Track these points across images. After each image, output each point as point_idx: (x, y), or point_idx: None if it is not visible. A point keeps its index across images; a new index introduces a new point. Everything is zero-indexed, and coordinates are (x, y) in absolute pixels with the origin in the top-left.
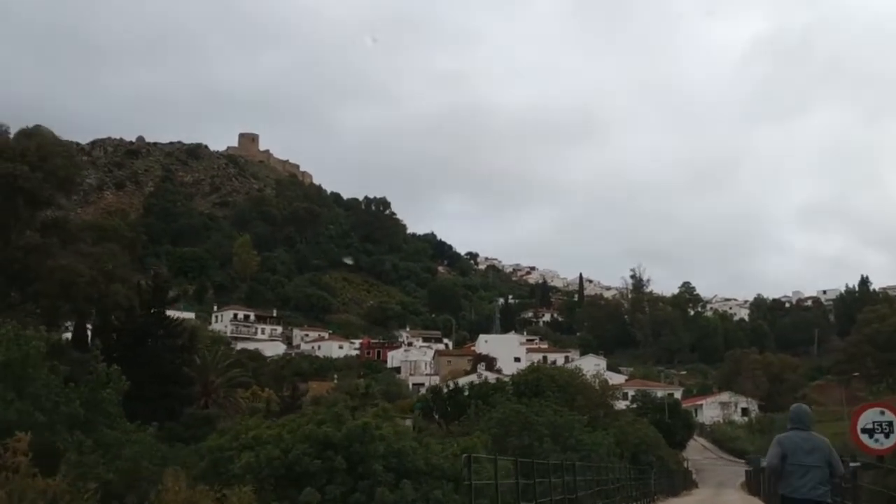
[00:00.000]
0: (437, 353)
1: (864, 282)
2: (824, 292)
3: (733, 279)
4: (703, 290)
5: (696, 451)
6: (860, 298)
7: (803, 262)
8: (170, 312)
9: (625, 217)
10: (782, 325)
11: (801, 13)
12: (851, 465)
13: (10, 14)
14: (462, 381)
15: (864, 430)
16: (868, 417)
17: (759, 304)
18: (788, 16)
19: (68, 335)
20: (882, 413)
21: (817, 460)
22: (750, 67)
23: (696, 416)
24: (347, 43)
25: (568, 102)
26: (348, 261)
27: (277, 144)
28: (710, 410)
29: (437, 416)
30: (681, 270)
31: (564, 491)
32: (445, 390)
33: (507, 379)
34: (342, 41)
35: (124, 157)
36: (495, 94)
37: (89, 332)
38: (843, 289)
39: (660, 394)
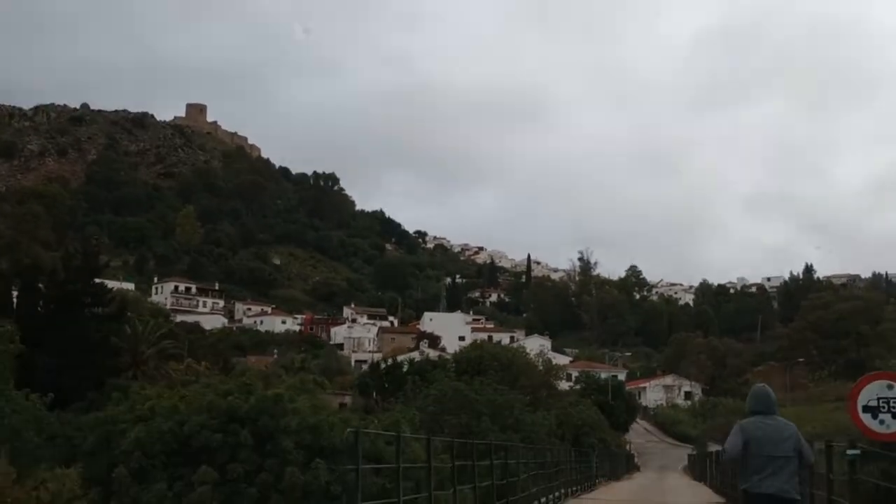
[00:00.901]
0: (381, 329)
1: (809, 270)
2: (768, 279)
3: (679, 265)
4: (649, 275)
5: (640, 434)
6: (804, 286)
7: (748, 249)
8: (108, 283)
9: (572, 201)
10: (727, 311)
11: (750, 5)
12: (849, 452)
13: None
14: (402, 358)
15: (865, 409)
16: (871, 392)
17: (704, 290)
18: (737, 6)
19: None
20: (890, 387)
21: (787, 450)
22: (698, 56)
23: (640, 398)
24: (295, 17)
25: (516, 84)
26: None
27: (226, 117)
28: (653, 393)
29: (374, 394)
30: (627, 255)
31: (502, 473)
32: (383, 366)
33: (448, 357)
34: (290, 15)
35: (68, 123)
36: (444, 74)
37: (14, 298)
38: (787, 276)
39: (604, 375)
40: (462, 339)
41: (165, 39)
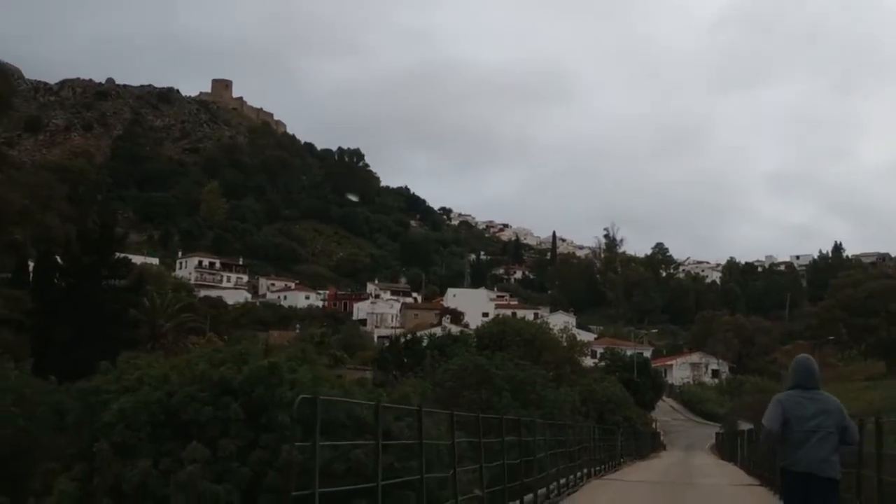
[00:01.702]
0: (404, 305)
1: (838, 248)
2: (797, 258)
3: (705, 243)
4: (675, 253)
5: (665, 412)
6: (833, 264)
7: (775, 227)
8: (132, 257)
9: (597, 179)
10: (754, 289)
11: None
12: None
13: None
14: (423, 333)
15: None
16: None
17: (731, 268)
18: None
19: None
20: None
21: (828, 426)
22: (720, 34)
23: (666, 376)
24: None
25: (540, 63)
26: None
27: (251, 93)
28: (680, 371)
29: (392, 369)
30: (653, 233)
31: (517, 452)
32: (402, 341)
33: (471, 332)
34: None
35: (93, 98)
36: (467, 53)
37: (31, 270)
38: (815, 255)
39: (629, 352)
40: (486, 315)
41: (191, 16)
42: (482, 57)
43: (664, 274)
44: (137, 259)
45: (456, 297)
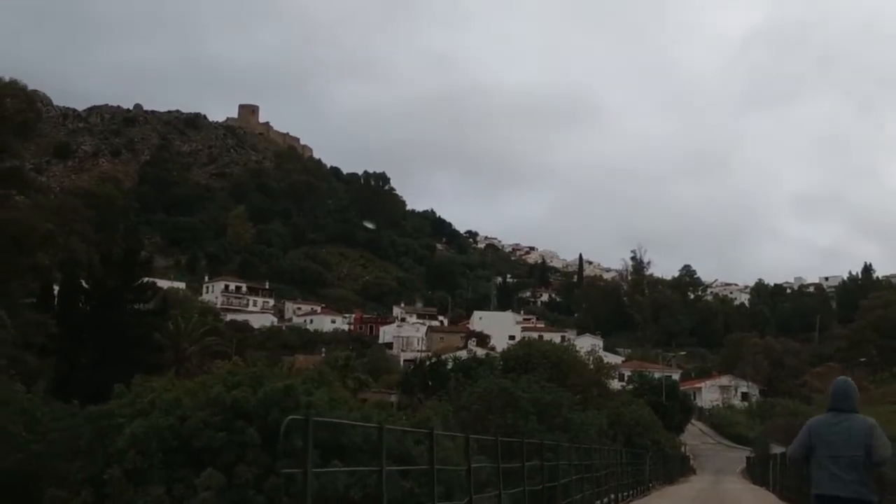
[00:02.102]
0: (430, 329)
1: (868, 269)
2: (826, 279)
3: (732, 265)
4: (702, 275)
5: (695, 436)
6: (863, 286)
7: (803, 249)
8: (158, 282)
9: (622, 201)
10: (783, 311)
11: (798, 2)
12: None
13: None
14: (447, 356)
15: None
16: None
17: (759, 289)
18: (785, 4)
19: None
20: None
21: (853, 448)
22: (746, 55)
23: (695, 399)
24: (342, 20)
25: (563, 85)
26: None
27: (278, 118)
28: (709, 394)
29: (417, 392)
30: (679, 256)
31: (544, 477)
32: (427, 364)
33: (496, 355)
34: (337, 18)
35: (121, 124)
36: (493, 75)
37: (56, 294)
38: (845, 276)
39: (657, 375)
40: (512, 338)
41: (217, 43)
42: (508, 79)
43: (692, 296)
44: (164, 283)
45: (482, 320)
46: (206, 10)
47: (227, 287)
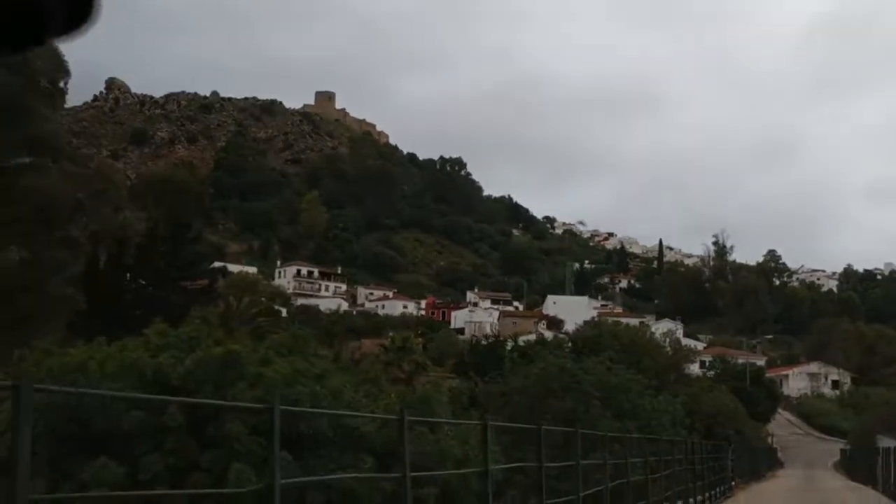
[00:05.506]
0: (503, 314)
1: None
2: None
3: (815, 253)
4: (787, 262)
5: (782, 426)
6: None
7: (891, 235)
8: (230, 266)
9: (693, 189)
10: (874, 297)
11: None
12: None
13: None
14: (506, 337)
15: None
16: None
17: (848, 275)
18: None
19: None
20: None
21: None
22: (811, 43)
23: (782, 387)
24: (411, 16)
25: (627, 77)
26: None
27: (355, 105)
28: (796, 382)
29: (472, 374)
30: (756, 243)
31: (608, 475)
32: (483, 344)
33: (564, 337)
34: (407, 15)
35: (197, 111)
36: (556, 68)
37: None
38: None
39: (741, 361)
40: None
41: (292, 37)
42: (576, 69)
43: (777, 282)
44: (235, 268)
45: (556, 305)
46: (277, 6)
47: (299, 272)
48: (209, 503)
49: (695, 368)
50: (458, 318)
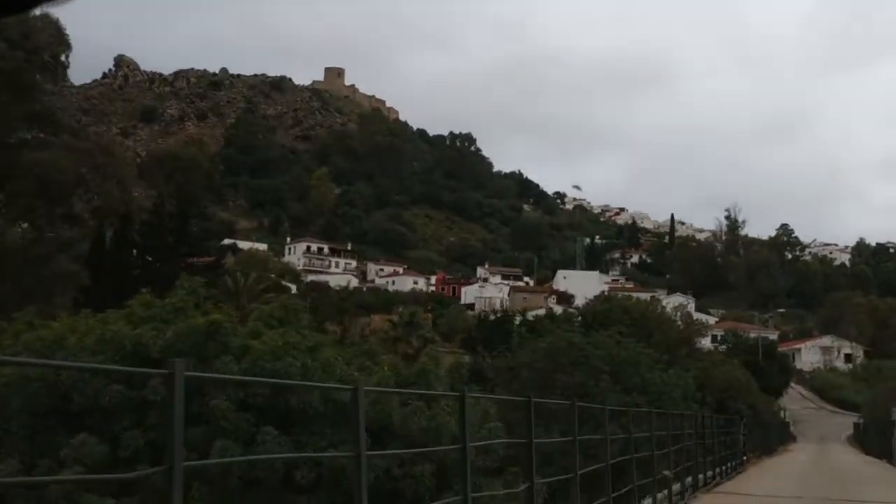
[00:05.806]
0: (513, 289)
1: None
2: None
3: (827, 227)
4: (800, 236)
5: (794, 400)
6: None
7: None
8: (241, 242)
9: (705, 163)
10: (886, 271)
11: None
12: None
13: None
14: (514, 311)
15: None
16: None
17: (861, 249)
18: None
19: None
20: None
21: None
22: (824, 16)
23: (794, 361)
24: None
25: (640, 50)
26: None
27: (364, 81)
28: (809, 355)
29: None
30: (769, 217)
31: (613, 450)
32: (491, 319)
33: (574, 311)
34: None
35: (207, 88)
36: (568, 42)
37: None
38: None
39: (753, 335)
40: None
41: (302, 12)
42: (588, 44)
43: (789, 256)
44: (245, 244)
45: (567, 280)
46: None
47: (308, 248)
48: (195, 485)
49: (706, 342)
50: (469, 293)
